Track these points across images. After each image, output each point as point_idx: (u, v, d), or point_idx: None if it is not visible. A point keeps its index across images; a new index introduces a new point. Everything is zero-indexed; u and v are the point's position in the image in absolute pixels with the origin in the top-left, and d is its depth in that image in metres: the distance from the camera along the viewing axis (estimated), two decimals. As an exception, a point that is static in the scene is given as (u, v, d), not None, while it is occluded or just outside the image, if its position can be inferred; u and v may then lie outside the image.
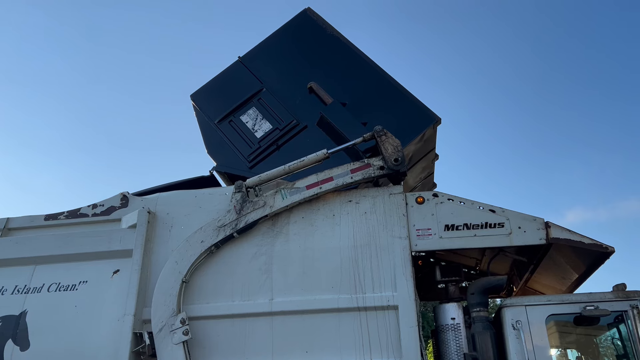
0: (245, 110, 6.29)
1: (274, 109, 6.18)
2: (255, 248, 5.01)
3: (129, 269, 5.02)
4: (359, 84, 6.12)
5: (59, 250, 5.34)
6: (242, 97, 6.36)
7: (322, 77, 6.16)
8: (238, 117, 6.28)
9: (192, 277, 4.95)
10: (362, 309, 4.63)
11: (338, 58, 6.34)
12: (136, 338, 4.77)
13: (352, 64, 6.26)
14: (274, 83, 6.35)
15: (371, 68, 6.20)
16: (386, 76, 6.12)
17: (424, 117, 5.78)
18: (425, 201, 4.97)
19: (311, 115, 5.97)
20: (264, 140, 6.03)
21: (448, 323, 4.84)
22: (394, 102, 5.90)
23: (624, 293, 4.54)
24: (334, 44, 6.43)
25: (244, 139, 6.14)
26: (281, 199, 5.06)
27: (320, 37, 6.51)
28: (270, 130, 6.08)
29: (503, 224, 4.81)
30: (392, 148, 5.08)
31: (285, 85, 6.29)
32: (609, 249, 4.73)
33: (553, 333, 4.77)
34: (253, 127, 6.17)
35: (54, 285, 5.20)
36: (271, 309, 4.73)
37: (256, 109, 6.26)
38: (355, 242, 4.87)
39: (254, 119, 6.22)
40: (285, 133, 6.01)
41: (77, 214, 5.57)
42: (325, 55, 6.40)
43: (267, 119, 6.16)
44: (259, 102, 6.29)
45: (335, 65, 6.31)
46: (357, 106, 5.90)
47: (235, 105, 6.33)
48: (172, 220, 5.29)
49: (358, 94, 6.04)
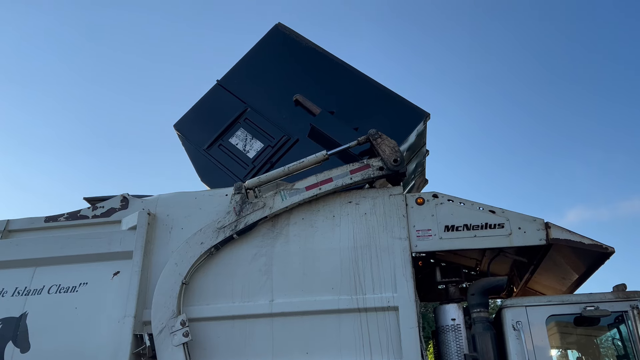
0: (233, 132, 6.24)
1: (262, 127, 6.14)
2: (255, 249, 5.01)
3: (129, 271, 5.03)
4: (344, 91, 6.11)
5: (59, 252, 5.35)
6: (228, 119, 6.30)
7: (305, 89, 6.13)
8: (227, 140, 6.23)
9: (192, 278, 4.95)
10: (362, 310, 4.63)
11: (317, 68, 6.33)
12: (136, 339, 4.78)
13: (332, 73, 6.26)
14: (258, 101, 6.29)
15: (352, 74, 6.20)
16: (369, 80, 6.13)
17: (414, 115, 5.81)
18: (425, 202, 4.98)
19: (301, 128, 5.94)
20: (258, 160, 6.00)
21: (448, 324, 4.83)
22: (382, 104, 5.92)
23: (624, 293, 4.53)
24: (311, 55, 6.43)
25: (237, 161, 6.10)
26: (281, 200, 5.06)
27: (296, 50, 6.49)
28: (262, 149, 6.04)
29: (503, 224, 4.82)
30: (389, 149, 5.09)
31: (269, 101, 6.25)
32: (609, 249, 4.73)
33: (553, 334, 4.77)
34: (244, 148, 6.12)
35: (54, 287, 5.21)
36: (271, 310, 4.74)
37: (244, 130, 6.21)
38: (355, 243, 4.87)
39: (243, 140, 6.16)
40: (278, 149, 5.97)
41: (77, 215, 5.58)
42: (304, 68, 6.39)
43: (257, 138, 6.12)
44: (246, 122, 6.24)
45: (315, 76, 6.30)
46: (345, 113, 5.89)
47: (222, 129, 6.27)
48: (172, 222, 5.30)
49: (344, 101, 6.03)
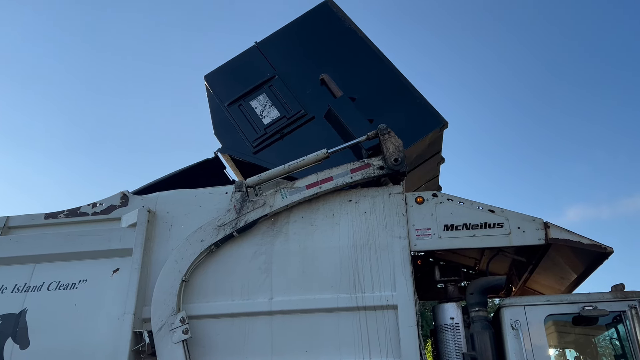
0: (256, 95, 6.32)
1: (283, 97, 6.20)
2: (255, 247, 5.01)
3: (129, 268, 5.02)
4: (372, 80, 6.08)
5: (59, 248, 5.34)
6: (254, 82, 6.39)
7: (335, 70, 6.15)
8: (248, 102, 6.31)
9: (192, 276, 4.95)
10: (361, 309, 4.63)
11: (353, 52, 6.30)
12: (136, 337, 4.78)
13: (366, 60, 6.23)
14: (287, 71, 6.36)
15: (385, 65, 6.16)
16: (399, 75, 6.08)
17: (431, 120, 5.72)
18: (424, 201, 4.98)
19: (320, 106, 5.96)
20: (270, 127, 6.07)
21: (447, 323, 4.85)
22: (403, 102, 5.86)
23: (623, 293, 4.54)
24: (350, 37, 6.40)
25: (251, 124, 6.18)
26: (281, 199, 5.06)
27: (338, 30, 6.47)
28: (277, 118, 6.10)
29: (502, 224, 4.82)
30: (393, 147, 5.07)
31: (297, 74, 6.30)
32: (608, 249, 4.74)
33: (551, 333, 4.78)
34: (261, 113, 6.20)
35: (53, 284, 5.20)
36: (271, 308, 4.74)
37: (266, 96, 6.28)
38: (355, 242, 4.88)
39: (263, 105, 6.24)
40: (292, 122, 6.04)
41: (77, 212, 5.57)
42: (341, 48, 6.37)
43: (275, 106, 6.18)
44: (270, 89, 6.30)
45: (349, 59, 6.28)
46: (366, 102, 5.87)
47: (246, 90, 6.36)
48: (172, 219, 5.30)
49: (369, 89, 6.01)
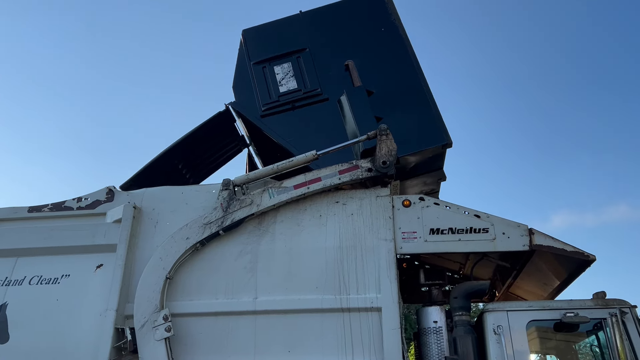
0: (282, 62, 6.39)
1: (306, 72, 6.25)
2: (241, 246, 5.00)
3: (113, 264, 4.99)
4: (395, 80, 6.02)
5: (42, 243, 5.30)
6: (285, 49, 6.45)
7: (364, 58, 6.15)
8: (272, 65, 6.40)
9: (177, 273, 4.92)
10: (345, 310, 4.64)
11: (388, 47, 6.26)
12: (118, 333, 4.75)
13: (397, 58, 6.17)
14: (319, 48, 6.39)
15: (413, 70, 6.07)
16: (423, 84, 5.95)
17: (436, 135, 5.55)
18: (411, 204, 5.00)
19: (337, 90, 5.94)
20: (284, 97, 6.16)
21: (430, 326, 4.86)
22: (417, 111, 5.73)
23: (604, 301, 4.59)
24: (391, 32, 6.36)
25: (268, 88, 6.26)
26: (269, 198, 5.05)
27: (381, 21, 6.44)
28: (293, 90, 6.18)
29: (487, 229, 4.85)
30: (386, 150, 5.04)
31: (327, 53, 6.32)
32: (590, 257, 4.79)
33: (533, 339, 4.82)
34: (280, 81, 6.28)
35: (35, 278, 5.16)
36: (255, 308, 4.73)
37: (291, 65, 6.35)
38: (341, 243, 4.88)
39: (284, 73, 6.31)
40: (306, 97, 6.11)
41: (62, 206, 5.52)
42: (377, 40, 6.34)
43: (296, 77, 6.27)
44: (297, 60, 6.36)
45: (382, 52, 6.24)
46: (382, 99, 5.81)
47: (275, 54, 6.44)
48: (158, 216, 5.27)
49: (389, 88, 5.95)
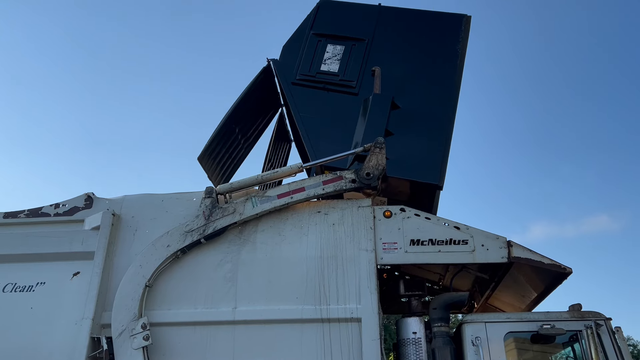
0: (337, 43, 6.49)
1: (352, 61, 6.31)
2: (222, 255, 4.97)
3: (90, 272, 4.91)
4: (428, 103, 5.92)
5: (17, 249, 5.20)
6: (347, 32, 6.52)
7: (412, 72, 6.19)
8: (327, 42, 6.51)
9: (156, 282, 4.86)
10: (325, 321, 4.63)
11: (439, 70, 6.18)
12: (93, 342, 4.66)
13: (442, 85, 6.06)
14: (377, 45, 6.43)
15: (450, 102, 5.95)
16: (450, 118, 5.85)
17: (430, 172, 5.42)
18: (392, 215, 5.03)
19: (370, 91, 5.95)
20: (320, 75, 6.29)
21: (409, 337, 4.88)
22: (429, 141, 5.62)
23: (579, 313, 4.68)
24: (449, 58, 6.22)
25: (312, 62, 6.39)
26: (251, 207, 5.04)
27: (447, 44, 6.33)
28: (332, 73, 6.29)
29: (467, 241, 4.91)
30: (374, 162, 5.05)
31: (382, 52, 6.36)
32: (567, 270, 4.89)
33: (511, 350, 4.87)
34: (326, 60, 6.37)
35: (9, 286, 5.05)
36: (234, 318, 4.70)
37: (343, 50, 6.43)
38: (322, 253, 4.88)
39: (333, 55, 6.40)
40: (339, 85, 6.22)
41: (39, 213, 5.41)
42: (433, 60, 6.29)
43: (341, 63, 6.34)
44: (352, 47, 6.43)
45: (428, 73, 6.19)
46: (405, 116, 5.77)
47: (336, 34, 6.51)
48: (137, 224, 5.21)
49: (418, 108, 5.87)
